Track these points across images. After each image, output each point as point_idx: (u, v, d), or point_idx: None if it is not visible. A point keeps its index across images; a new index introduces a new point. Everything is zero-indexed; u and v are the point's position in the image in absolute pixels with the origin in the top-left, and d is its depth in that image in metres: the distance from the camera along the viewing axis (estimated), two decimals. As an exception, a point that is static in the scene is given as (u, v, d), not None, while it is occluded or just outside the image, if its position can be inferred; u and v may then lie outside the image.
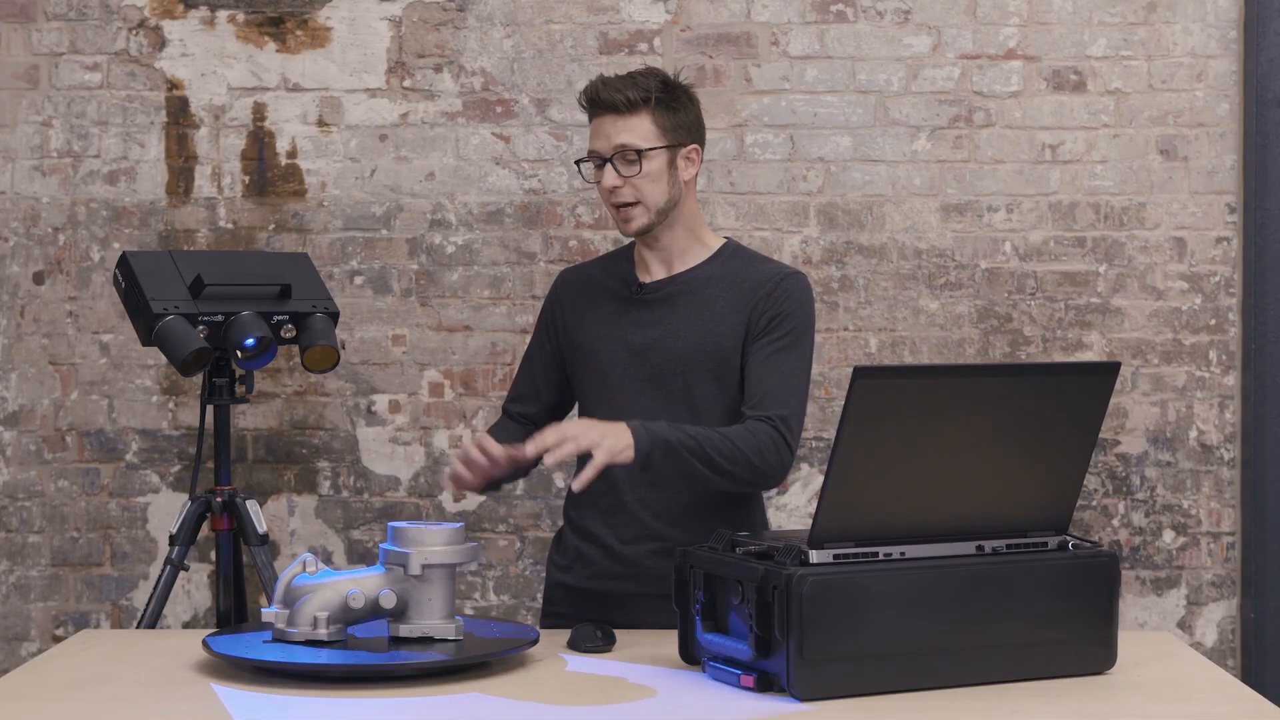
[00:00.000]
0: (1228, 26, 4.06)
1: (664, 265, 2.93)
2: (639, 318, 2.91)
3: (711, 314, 2.87)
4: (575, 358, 2.97)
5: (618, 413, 2.85)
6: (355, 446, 4.09)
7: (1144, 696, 2.23)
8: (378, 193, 4.08)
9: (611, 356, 2.91)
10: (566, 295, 3.01)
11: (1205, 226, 4.07)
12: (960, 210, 4.07)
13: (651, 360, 2.88)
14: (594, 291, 2.98)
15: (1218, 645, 4.07)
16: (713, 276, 2.90)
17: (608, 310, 2.94)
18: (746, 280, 2.89)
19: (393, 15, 4.08)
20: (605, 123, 2.83)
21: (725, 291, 2.88)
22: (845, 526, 2.20)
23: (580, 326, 2.96)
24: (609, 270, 3.01)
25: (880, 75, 4.07)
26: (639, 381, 2.88)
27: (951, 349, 4.07)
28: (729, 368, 2.85)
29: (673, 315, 2.88)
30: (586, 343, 2.94)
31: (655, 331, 2.88)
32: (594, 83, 2.87)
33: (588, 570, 2.90)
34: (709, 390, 2.85)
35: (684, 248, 2.91)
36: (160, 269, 3.35)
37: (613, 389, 2.89)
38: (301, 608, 2.39)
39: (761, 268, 2.92)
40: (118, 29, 4.08)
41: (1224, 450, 4.08)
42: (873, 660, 2.18)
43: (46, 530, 4.09)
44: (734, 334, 2.85)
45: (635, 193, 2.83)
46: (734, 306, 2.87)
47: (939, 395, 2.20)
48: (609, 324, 2.93)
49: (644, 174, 2.83)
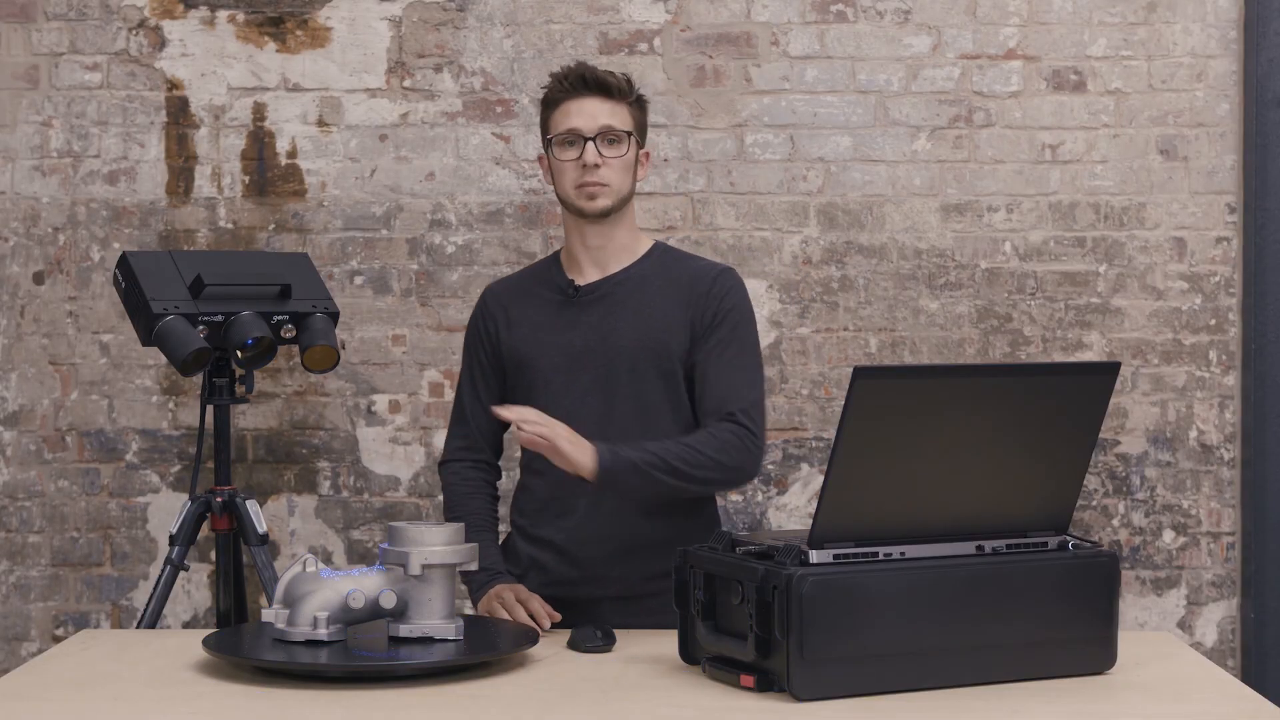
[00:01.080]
0: (1228, 26, 4.06)
1: (597, 266, 2.92)
2: (577, 320, 2.89)
3: (652, 312, 2.87)
4: (514, 369, 2.93)
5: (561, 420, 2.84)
6: (355, 446, 4.09)
7: (1144, 696, 2.23)
8: (378, 193, 4.08)
9: (553, 362, 2.88)
10: (495, 308, 2.97)
11: (1205, 226, 4.07)
12: (960, 210, 4.07)
13: (596, 362, 2.86)
14: (523, 300, 2.94)
15: (1218, 645, 4.07)
16: (647, 275, 2.90)
17: (542, 316, 2.91)
18: (681, 278, 2.90)
19: (393, 15, 4.08)
20: (590, 103, 2.84)
21: (662, 289, 2.89)
22: (845, 526, 2.20)
23: (516, 337, 2.92)
24: (536, 278, 2.98)
25: (880, 75, 4.07)
26: (584, 385, 2.86)
27: (951, 349, 4.07)
28: (674, 365, 2.86)
29: (613, 315, 2.87)
30: (525, 351, 2.90)
31: (597, 333, 2.87)
32: (575, 66, 2.90)
33: (544, 577, 2.88)
34: (656, 388, 2.85)
35: (621, 246, 2.92)
36: (160, 269, 3.35)
37: (557, 394, 2.86)
38: (301, 608, 2.39)
39: (694, 265, 2.95)
40: (118, 29, 4.08)
41: (1224, 450, 4.08)
42: (873, 660, 2.18)
43: (46, 530, 4.09)
44: (677, 331, 2.86)
45: (610, 175, 2.84)
46: (673, 304, 2.87)
47: (939, 395, 2.20)
48: (546, 330, 2.90)
49: (623, 159, 2.85)
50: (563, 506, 2.87)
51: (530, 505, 2.93)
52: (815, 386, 4.07)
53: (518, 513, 2.97)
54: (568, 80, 2.87)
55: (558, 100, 2.87)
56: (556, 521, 2.88)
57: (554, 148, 2.87)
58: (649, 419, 2.84)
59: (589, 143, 2.82)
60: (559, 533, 2.88)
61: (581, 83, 2.85)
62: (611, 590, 2.84)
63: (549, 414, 2.81)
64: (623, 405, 2.84)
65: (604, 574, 2.84)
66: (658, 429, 2.84)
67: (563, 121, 2.86)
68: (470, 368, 3.00)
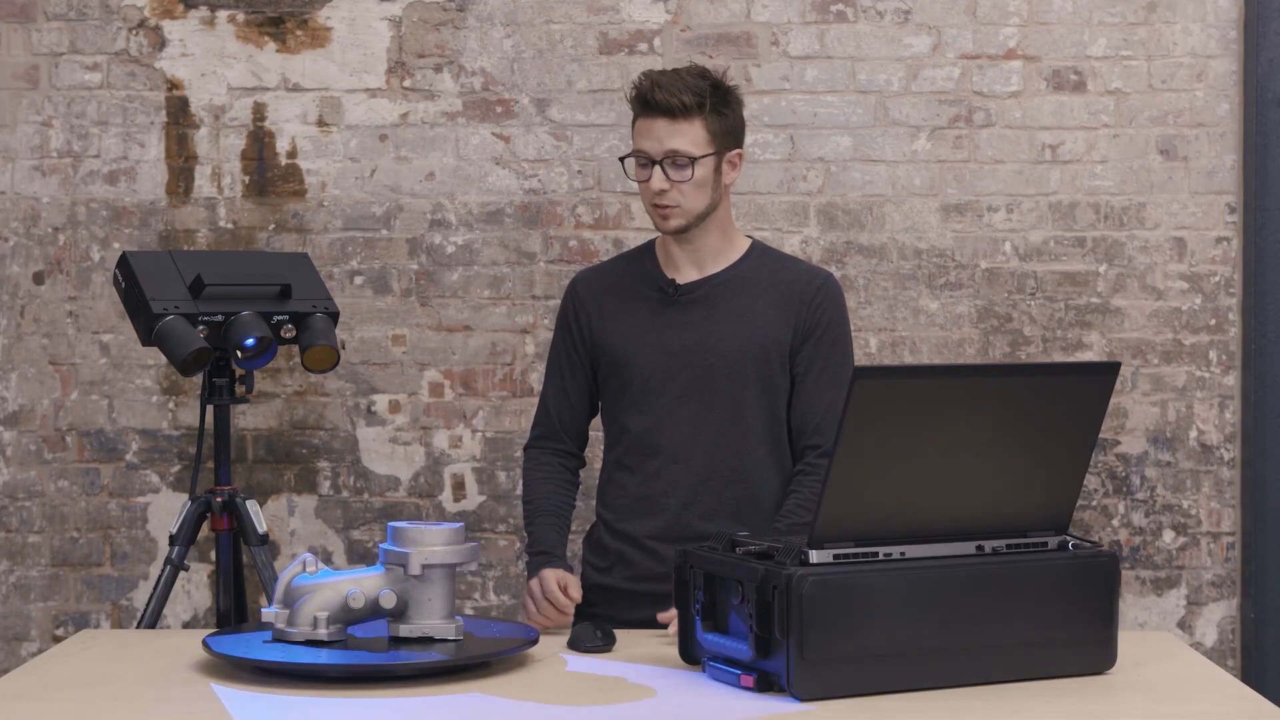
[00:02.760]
0: (1228, 26, 4.06)
1: (695, 265, 2.87)
2: (677, 319, 2.84)
3: (754, 315, 2.83)
4: (607, 366, 2.89)
5: (658, 420, 2.82)
6: (355, 446, 4.09)
7: (1144, 696, 2.23)
8: (378, 193, 4.08)
9: (650, 361, 2.84)
10: (589, 299, 2.92)
11: (1205, 226, 4.07)
12: (960, 210, 4.07)
13: (694, 364, 2.82)
14: (619, 294, 2.90)
15: (1218, 645, 4.07)
16: (749, 277, 2.86)
17: (640, 314, 2.87)
18: (783, 281, 2.86)
19: (393, 15, 4.08)
20: (657, 125, 2.76)
21: (764, 293, 2.84)
22: (845, 526, 2.20)
23: (611, 332, 2.87)
24: (630, 271, 2.93)
25: (880, 75, 4.07)
26: (680, 386, 2.83)
27: (951, 349, 4.07)
28: (772, 370, 2.83)
29: (713, 317, 2.83)
30: (620, 348, 2.86)
31: (696, 334, 2.83)
32: (646, 81, 2.79)
33: (629, 571, 2.87)
34: (753, 393, 2.82)
35: (717, 248, 2.87)
36: (160, 269, 3.35)
37: (653, 395, 2.83)
38: (301, 608, 2.39)
39: (796, 268, 2.90)
40: (118, 29, 4.08)
41: (1224, 450, 4.08)
42: (873, 660, 2.18)
43: (46, 530, 4.09)
44: (777, 336, 2.83)
45: (680, 197, 2.78)
46: (774, 307, 2.84)
47: (939, 395, 2.20)
48: (644, 328, 2.85)
49: (692, 180, 2.77)
50: (652, 505, 2.85)
51: (619, 500, 2.91)
52: (815, 386, 4.07)
53: (604, 506, 2.95)
54: (638, 94, 2.79)
55: (635, 114, 2.81)
56: (646, 519, 2.86)
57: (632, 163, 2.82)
58: (744, 423, 2.82)
59: (656, 166, 2.77)
60: (647, 529, 2.86)
61: (646, 104, 2.77)
62: None
63: (641, 413, 2.82)
64: (719, 410, 2.81)
65: None
66: (751, 434, 2.82)
67: (636, 139, 2.80)
68: (558, 357, 2.96)
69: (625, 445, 2.89)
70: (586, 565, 2.95)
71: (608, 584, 2.89)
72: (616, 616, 2.74)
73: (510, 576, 4.10)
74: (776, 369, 2.83)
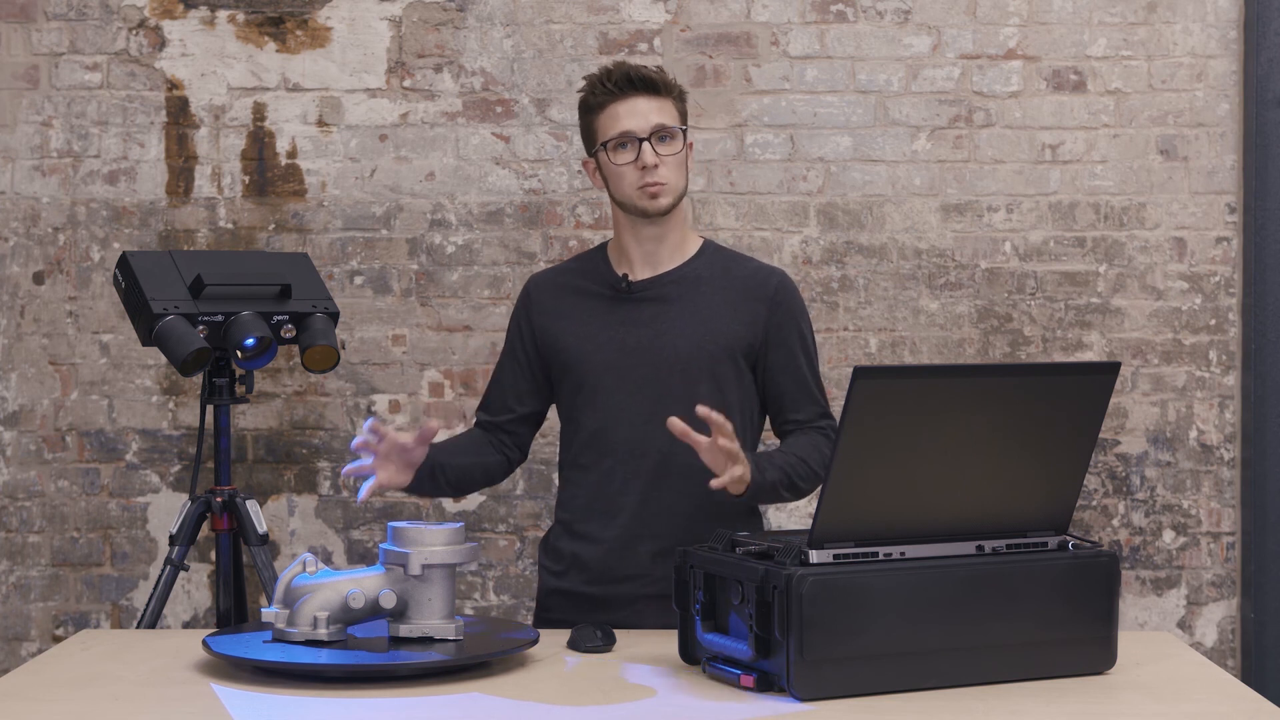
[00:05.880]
0: (1228, 26, 4.06)
1: (649, 264, 2.89)
2: (630, 316, 2.86)
3: (709, 313, 2.85)
4: (560, 365, 2.90)
5: (611, 417, 2.83)
6: (355, 446, 4.08)
7: (1144, 696, 2.23)
8: (378, 193, 4.08)
9: (604, 358, 2.85)
10: (543, 299, 2.93)
11: (1205, 226, 4.07)
12: (960, 210, 4.07)
13: (647, 360, 2.84)
14: (572, 293, 2.91)
15: (1218, 645, 4.07)
16: (702, 275, 2.88)
17: (593, 311, 2.88)
18: (737, 279, 2.88)
19: (393, 15, 4.08)
20: (639, 103, 2.78)
21: (718, 290, 2.86)
22: (845, 526, 2.20)
23: (563, 330, 2.88)
24: (584, 271, 2.94)
25: (880, 75, 4.07)
26: (634, 383, 2.84)
27: (951, 349, 4.07)
28: (724, 367, 2.84)
29: (666, 314, 2.85)
30: (573, 345, 2.87)
31: (650, 330, 2.85)
32: (618, 66, 2.83)
33: (586, 575, 2.87)
34: (706, 390, 2.83)
35: (675, 244, 2.89)
36: (160, 269, 3.35)
37: (608, 392, 2.85)
38: (301, 608, 2.39)
39: (749, 266, 2.93)
40: (118, 29, 4.08)
41: (1224, 450, 4.08)
42: (873, 660, 2.18)
43: (46, 530, 4.09)
44: (732, 333, 2.84)
45: (669, 173, 2.79)
46: (729, 305, 2.85)
47: (939, 395, 2.20)
48: (597, 325, 2.87)
49: (678, 155, 2.81)
50: (610, 505, 2.85)
51: (576, 502, 2.90)
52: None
53: (562, 509, 2.94)
54: (611, 81, 2.80)
55: (603, 103, 2.81)
56: (603, 520, 2.86)
57: (608, 152, 2.81)
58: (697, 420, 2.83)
59: (644, 143, 2.77)
60: (605, 530, 2.86)
61: (628, 82, 2.79)
62: (652, 589, 2.82)
63: (597, 412, 2.84)
64: (673, 407, 2.81)
65: (647, 572, 2.82)
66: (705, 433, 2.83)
67: (613, 125, 2.80)
68: (511, 347, 2.96)
69: (580, 444, 2.89)
70: (543, 570, 2.95)
71: (564, 588, 2.88)
72: (569, 621, 2.74)
73: (510, 576, 4.10)
74: (729, 366, 2.85)
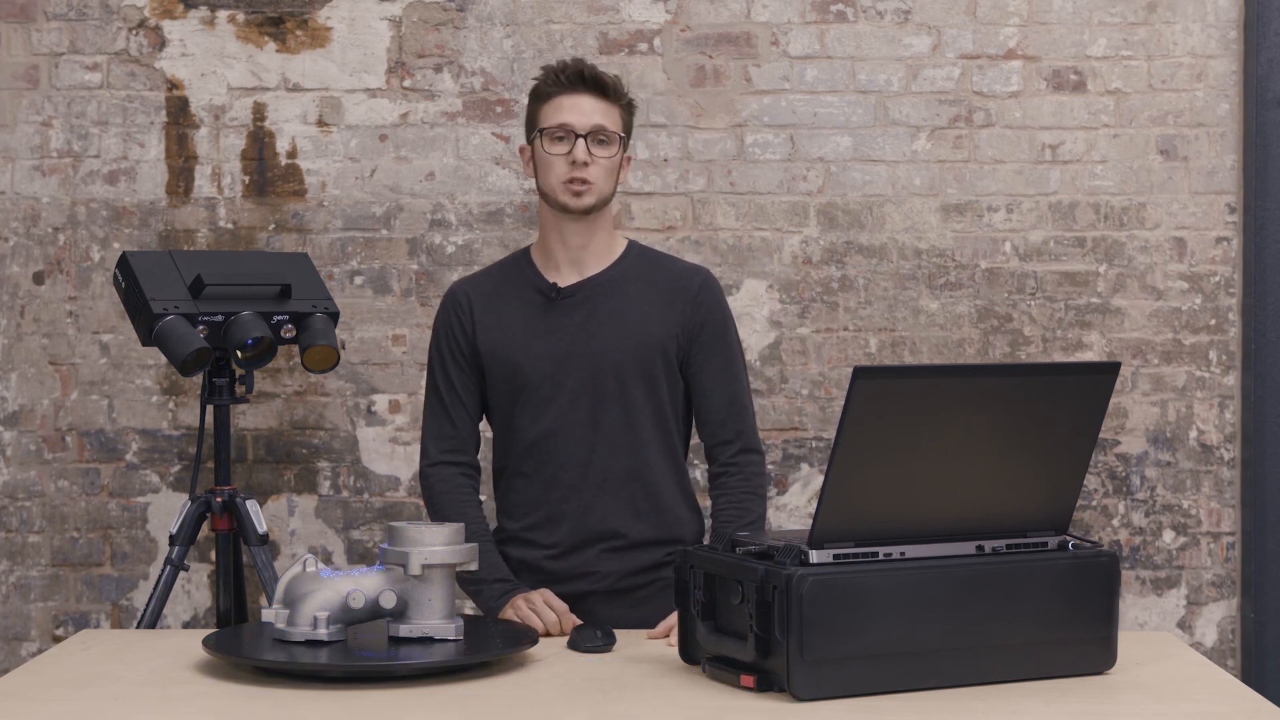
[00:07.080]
0: (1228, 26, 4.06)
1: (575, 268, 2.89)
2: (560, 323, 2.86)
3: (636, 315, 2.86)
4: (495, 373, 2.89)
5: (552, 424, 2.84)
6: (355, 446, 4.09)
7: (1144, 696, 2.23)
8: (378, 193, 4.08)
9: (539, 368, 2.85)
10: (471, 307, 2.92)
11: (1205, 226, 4.07)
12: (960, 210, 4.07)
13: (581, 366, 2.84)
14: (500, 300, 2.91)
15: (1218, 645, 4.07)
16: (628, 277, 2.89)
17: (523, 319, 2.88)
18: (662, 280, 2.90)
19: (393, 15, 4.08)
20: (584, 101, 2.83)
21: (645, 291, 2.88)
22: (845, 526, 2.20)
23: (494, 340, 2.88)
24: (509, 277, 2.94)
25: (880, 75, 4.07)
26: (571, 390, 2.85)
27: (951, 349, 4.07)
28: (657, 369, 2.86)
29: (595, 319, 2.86)
30: (507, 355, 2.87)
31: (580, 336, 2.85)
32: (571, 62, 2.87)
33: (534, 577, 2.88)
34: (640, 392, 2.85)
35: (600, 247, 2.90)
36: (160, 269, 3.35)
37: (545, 400, 2.85)
38: (301, 608, 2.39)
39: (674, 267, 2.95)
40: (118, 29, 4.08)
41: (1224, 450, 4.08)
42: (873, 660, 2.18)
43: (46, 530, 4.09)
44: (661, 334, 2.86)
45: (598, 174, 2.83)
46: (656, 307, 2.87)
47: (939, 395, 2.20)
48: (528, 334, 2.86)
49: (610, 160, 2.84)
50: (554, 511, 2.88)
51: (519, 508, 2.92)
52: (815, 387, 4.07)
53: (507, 516, 2.95)
54: (564, 75, 2.85)
55: (551, 94, 2.86)
56: (549, 527, 2.88)
57: (543, 140, 2.84)
58: (634, 422, 2.85)
59: (580, 139, 2.81)
60: (551, 536, 2.88)
61: (579, 79, 2.84)
62: (601, 585, 2.87)
63: (536, 420, 2.83)
64: (610, 410, 2.84)
65: (594, 570, 2.87)
66: (642, 432, 2.86)
67: (554, 115, 2.84)
68: (445, 368, 2.93)
69: (519, 453, 2.90)
70: None
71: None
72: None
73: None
74: (661, 367, 2.87)
